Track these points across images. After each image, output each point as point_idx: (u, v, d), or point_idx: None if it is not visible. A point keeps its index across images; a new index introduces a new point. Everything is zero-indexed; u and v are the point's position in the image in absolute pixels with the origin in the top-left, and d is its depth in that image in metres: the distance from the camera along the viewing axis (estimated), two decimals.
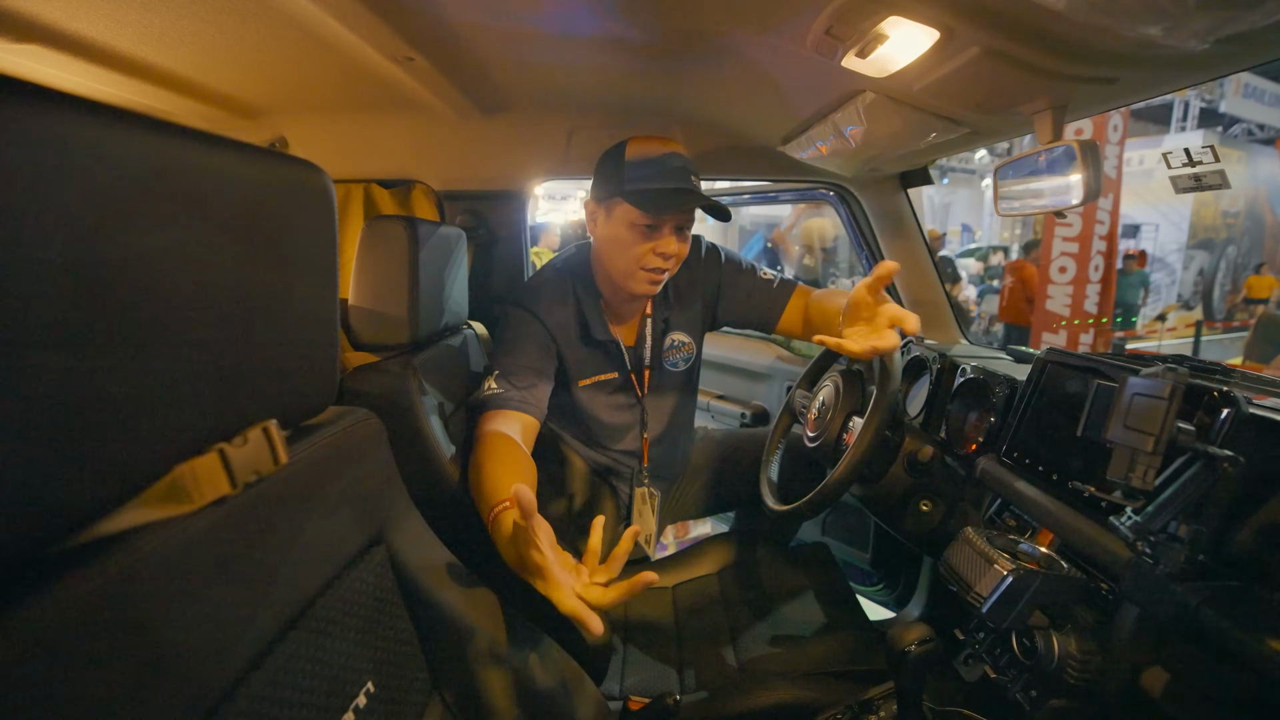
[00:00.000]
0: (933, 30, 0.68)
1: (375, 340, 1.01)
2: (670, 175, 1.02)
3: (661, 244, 1.04)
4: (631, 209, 1.02)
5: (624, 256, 1.06)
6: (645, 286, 1.08)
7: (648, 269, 1.06)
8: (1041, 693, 0.84)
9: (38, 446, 0.30)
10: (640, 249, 1.04)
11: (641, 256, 1.05)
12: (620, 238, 1.06)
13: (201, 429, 0.40)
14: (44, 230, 0.29)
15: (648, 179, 1.02)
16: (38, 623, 0.31)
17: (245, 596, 0.44)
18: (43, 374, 0.30)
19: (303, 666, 0.47)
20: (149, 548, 0.37)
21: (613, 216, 1.06)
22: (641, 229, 1.03)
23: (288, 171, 0.47)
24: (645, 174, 1.02)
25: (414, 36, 0.92)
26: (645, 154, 1.04)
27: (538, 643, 0.75)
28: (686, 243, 1.09)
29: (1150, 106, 9.88)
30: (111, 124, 0.33)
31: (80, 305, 0.31)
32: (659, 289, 1.11)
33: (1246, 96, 10.21)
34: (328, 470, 0.56)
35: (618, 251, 1.07)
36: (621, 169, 1.04)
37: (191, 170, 0.38)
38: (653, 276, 1.07)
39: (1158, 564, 0.65)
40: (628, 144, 1.06)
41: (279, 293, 0.46)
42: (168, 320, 0.36)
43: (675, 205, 1.02)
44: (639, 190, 1.02)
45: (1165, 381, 0.61)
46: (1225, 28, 0.50)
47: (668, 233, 1.04)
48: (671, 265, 1.07)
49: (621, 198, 1.03)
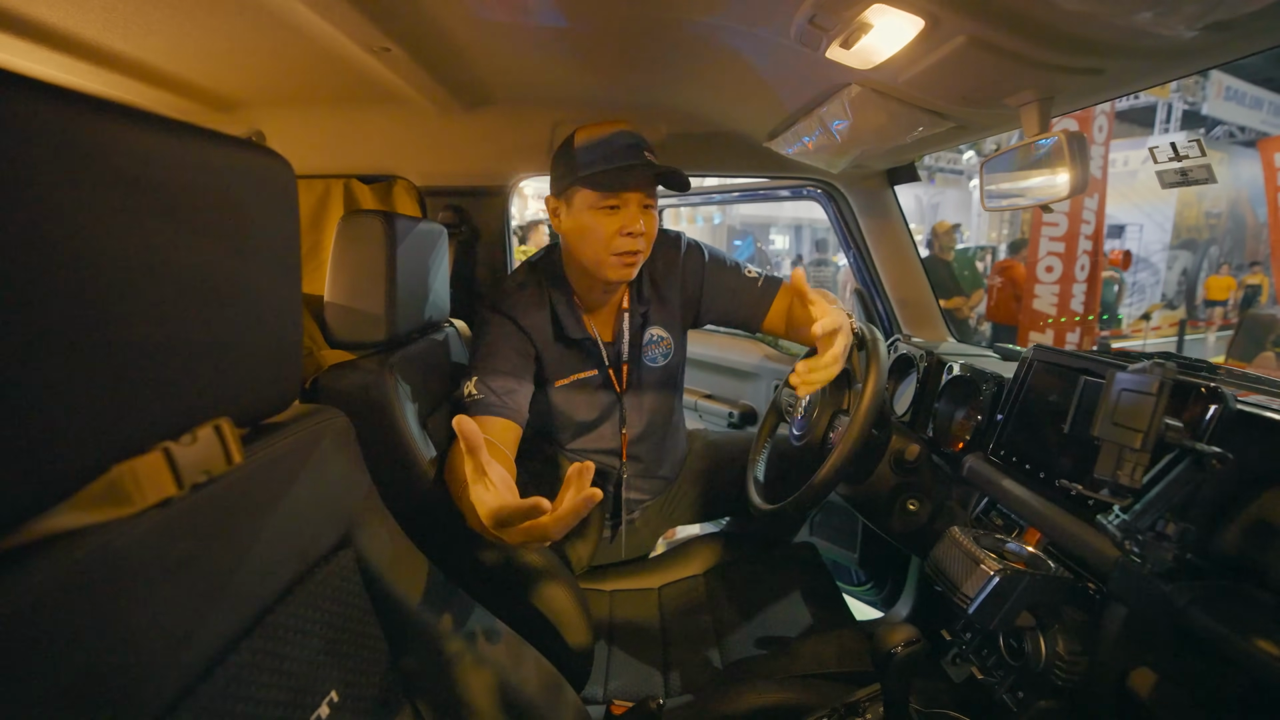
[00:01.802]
0: (917, 19, 0.67)
1: (351, 338, 0.99)
2: (621, 153, 1.01)
3: (627, 222, 1.02)
4: (590, 193, 1.01)
5: (592, 244, 1.05)
6: (620, 271, 1.06)
7: (618, 252, 1.04)
8: (1028, 694, 0.83)
9: None
10: (606, 232, 1.03)
11: (609, 240, 1.03)
12: (585, 225, 1.04)
13: (144, 426, 0.38)
14: None
15: (600, 160, 1.01)
16: None
17: (193, 604, 0.42)
18: None
19: (257, 677, 0.45)
20: (81, 553, 0.35)
21: (574, 206, 1.05)
22: (604, 211, 1.02)
23: (245, 157, 0.45)
24: (596, 156, 1.01)
25: (389, 26, 0.89)
26: (593, 137, 1.03)
27: (516, 649, 0.73)
28: (654, 219, 1.07)
29: (1135, 108, 9.99)
30: (39, 95, 0.31)
31: (4, 289, 0.29)
32: (634, 272, 1.09)
33: (1228, 99, 10.34)
34: (288, 471, 0.54)
35: (585, 240, 1.05)
36: (573, 157, 1.03)
37: (130, 149, 0.36)
38: (625, 260, 1.05)
39: (1145, 563, 0.64)
40: (575, 133, 1.05)
41: (235, 282, 0.44)
42: (105, 307, 0.34)
43: (631, 180, 1.00)
44: (592, 173, 1.01)
45: (1153, 377, 0.60)
46: (1212, 14, 0.49)
47: (633, 210, 1.03)
48: (642, 244, 1.05)
49: (577, 184, 1.02)
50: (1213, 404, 0.67)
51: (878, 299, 1.64)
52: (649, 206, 1.05)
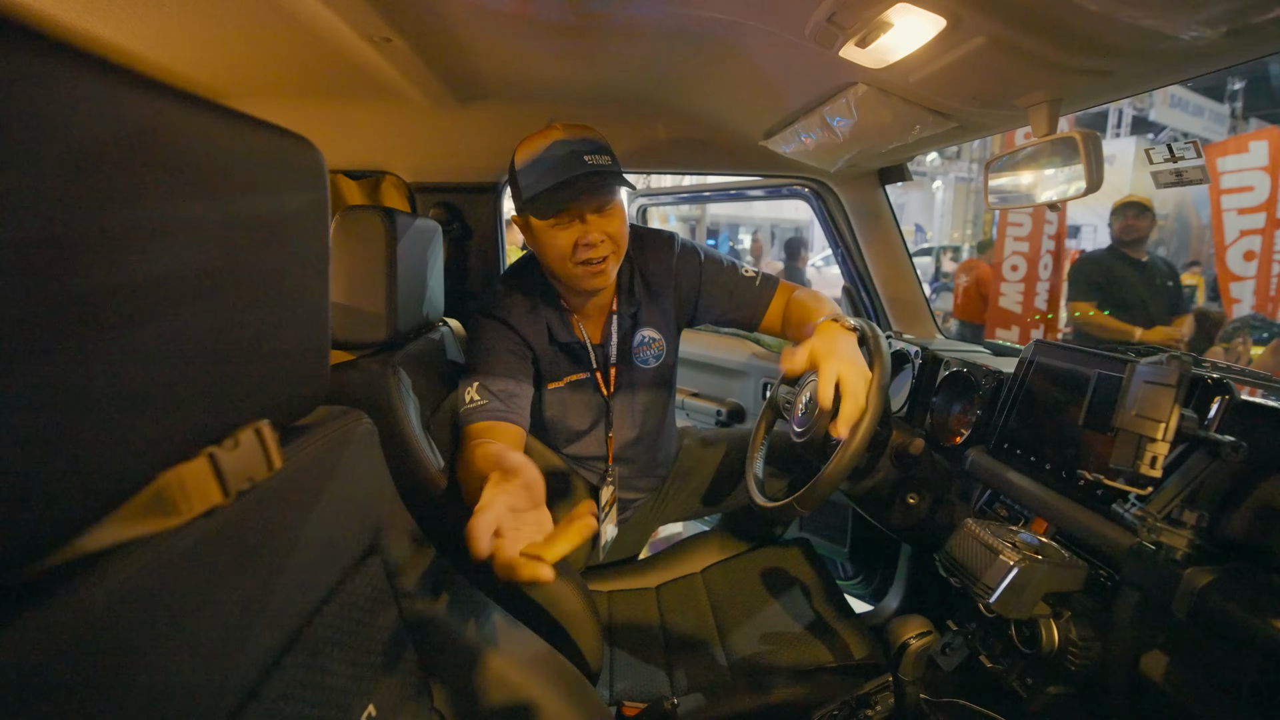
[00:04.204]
0: (939, 18, 0.67)
1: (352, 337, 0.96)
2: (557, 167, 0.98)
3: (581, 234, 1.01)
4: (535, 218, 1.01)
5: (556, 259, 1.04)
6: (590, 281, 1.05)
7: (580, 262, 1.03)
8: (1038, 680, 0.85)
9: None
10: (564, 247, 1.02)
11: (570, 253, 1.02)
12: (545, 244, 1.04)
13: (189, 431, 0.35)
14: (11, 197, 0.25)
15: (538, 179, 0.99)
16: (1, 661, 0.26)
17: (239, 619, 0.39)
18: (5, 371, 0.25)
19: (302, 693, 0.43)
20: (132, 568, 0.32)
21: (531, 226, 1.05)
22: (557, 228, 1.01)
23: (281, 144, 0.42)
24: (534, 177, 1.00)
25: (394, 15, 0.86)
26: (530, 156, 1.01)
27: (543, 654, 0.71)
28: (615, 219, 1.05)
29: (1088, 114, 10.40)
30: (89, 71, 0.28)
31: (49, 288, 0.26)
32: (608, 277, 1.07)
33: (1173, 106, 10.85)
34: (321, 476, 0.51)
35: (550, 257, 1.05)
36: (517, 178, 1.02)
37: (178, 133, 0.33)
38: (591, 270, 1.04)
39: (1160, 549, 0.66)
40: (516, 150, 1.04)
41: (271, 276, 0.41)
42: (152, 304, 0.32)
43: (567, 197, 0.98)
44: (532, 196, 1.00)
45: (1171, 369, 0.62)
46: (1240, 18, 0.51)
47: (587, 219, 1.01)
48: (606, 248, 1.04)
49: (525, 209, 1.02)
50: (1219, 395, 0.69)
51: (867, 296, 1.67)
52: (604, 207, 1.03)
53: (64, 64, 0.26)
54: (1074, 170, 0.76)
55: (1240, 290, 4.86)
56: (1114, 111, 10.37)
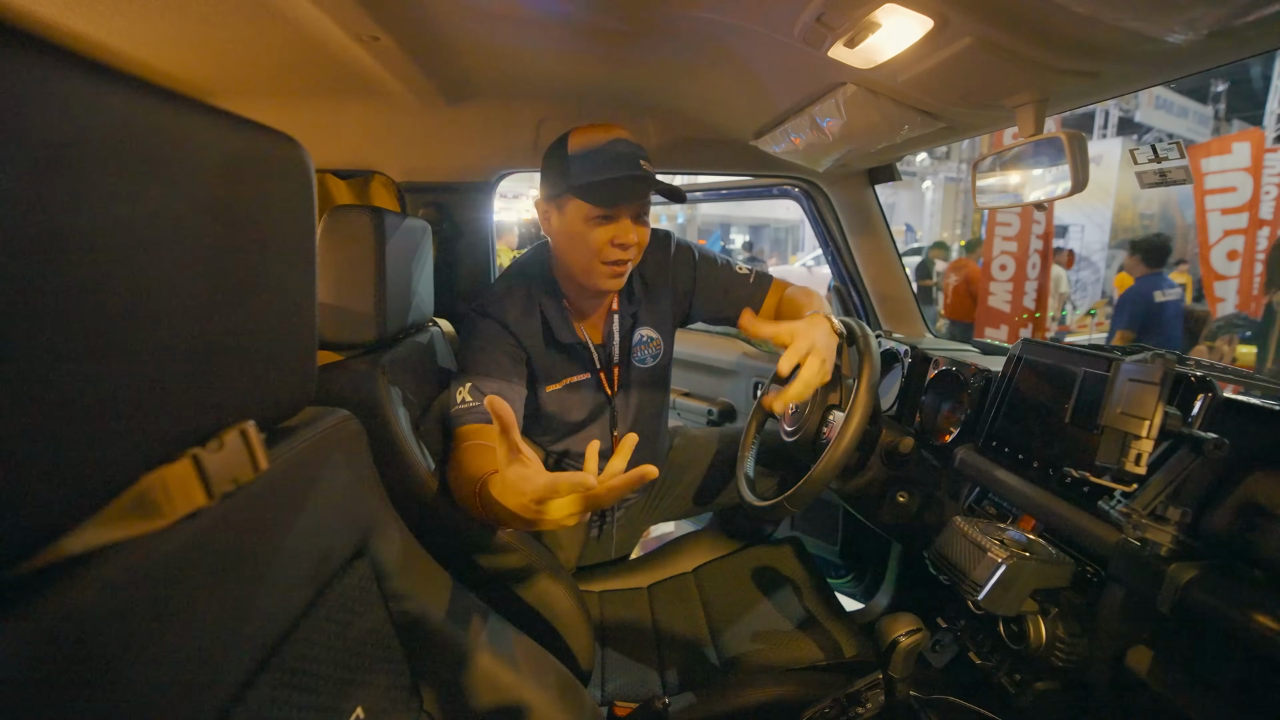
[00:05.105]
0: (926, 19, 0.68)
1: (340, 338, 0.95)
2: (618, 162, 0.99)
3: (620, 234, 1.01)
4: (583, 204, 0.99)
5: (582, 252, 1.03)
6: (609, 281, 1.05)
7: (608, 262, 1.03)
8: (1026, 676, 0.85)
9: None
10: (598, 242, 1.01)
11: (600, 250, 1.01)
12: (576, 233, 1.02)
13: (173, 431, 0.35)
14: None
15: (595, 170, 0.99)
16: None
17: (225, 622, 0.39)
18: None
19: (289, 696, 0.42)
20: (116, 571, 0.32)
21: (565, 213, 1.03)
22: (596, 221, 1.00)
23: (265, 142, 0.42)
24: (592, 165, 0.99)
25: (382, 13, 0.86)
26: (589, 144, 1.00)
27: (534, 655, 0.71)
28: (646, 229, 1.06)
29: (1075, 115, 10.51)
30: (69, 68, 0.28)
31: (29, 288, 0.26)
32: (623, 281, 1.08)
33: (1158, 108, 11.01)
34: (307, 477, 0.51)
35: (575, 248, 1.04)
36: (567, 163, 1.01)
37: (159, 131, 0.33)
38: (614, 270, 1.04)
39: (1145, 545, 0.66)
40: (569, 136, 1.03)
41: (256, 275, 0.41)
42: (134, 304, 0.31)
43: (627, 194, 0.99)
44: (587, 183, 0.98)
45: (1155, 367, 0.62)
46: (1223, 21, 0.52)
47: (625, 221, 1.01)
48: (633, 254, 1.04)
49: (571, 193, 1.00)
50: (1202, 393, 0.70)
51: (856, 295, 1.68)
52: (642, 216, 1.04)
53: (43, 61, 0.26)
54: (1060, 170, 0.76)
55: (1224, 289, 4.93)
56: (1101, 113, 10.49)
